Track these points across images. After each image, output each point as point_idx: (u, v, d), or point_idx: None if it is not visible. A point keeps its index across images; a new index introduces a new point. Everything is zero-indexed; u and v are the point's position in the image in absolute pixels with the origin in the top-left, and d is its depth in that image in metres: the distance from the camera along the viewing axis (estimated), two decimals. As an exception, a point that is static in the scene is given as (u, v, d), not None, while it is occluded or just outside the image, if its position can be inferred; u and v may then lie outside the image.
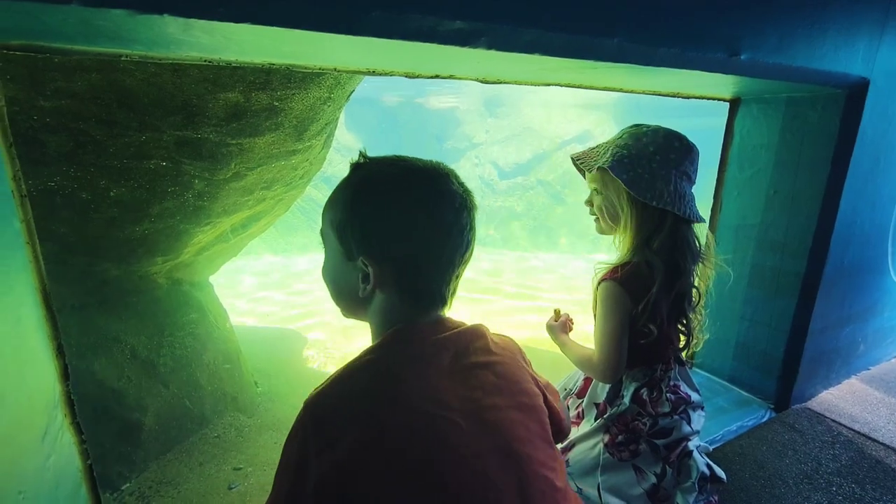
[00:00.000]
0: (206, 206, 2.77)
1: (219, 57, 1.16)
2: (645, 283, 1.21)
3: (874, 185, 1.92)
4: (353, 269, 0.73)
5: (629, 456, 1.27)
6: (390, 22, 0.86)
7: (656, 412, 1.29)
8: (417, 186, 0.71)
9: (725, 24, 1.27)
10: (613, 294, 1.22)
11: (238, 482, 3.02)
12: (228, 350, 3.86)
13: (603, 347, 1.24)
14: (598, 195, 1.29)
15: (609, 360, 1.24)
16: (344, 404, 0.66)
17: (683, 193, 1.20)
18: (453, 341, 0.73)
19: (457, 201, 0.72)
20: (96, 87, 1.85)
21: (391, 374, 0.68)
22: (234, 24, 0.78)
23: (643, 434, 1.28)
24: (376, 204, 0.70)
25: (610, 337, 1.23)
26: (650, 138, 1.20)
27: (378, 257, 0.70)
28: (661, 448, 1.28)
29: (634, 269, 1.22)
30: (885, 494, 1.59)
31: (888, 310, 2.36)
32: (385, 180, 0.71)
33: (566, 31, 1.02)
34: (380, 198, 0.70)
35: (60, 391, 1.21)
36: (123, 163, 2.25)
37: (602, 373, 1.27)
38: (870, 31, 1.60)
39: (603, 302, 1.24)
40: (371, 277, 0.71)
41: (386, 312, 0.74)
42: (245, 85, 2.13)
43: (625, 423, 1.30)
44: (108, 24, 0.81)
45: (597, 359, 1.27)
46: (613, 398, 1.33)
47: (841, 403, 2.12)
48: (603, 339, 1.24)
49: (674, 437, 1.29)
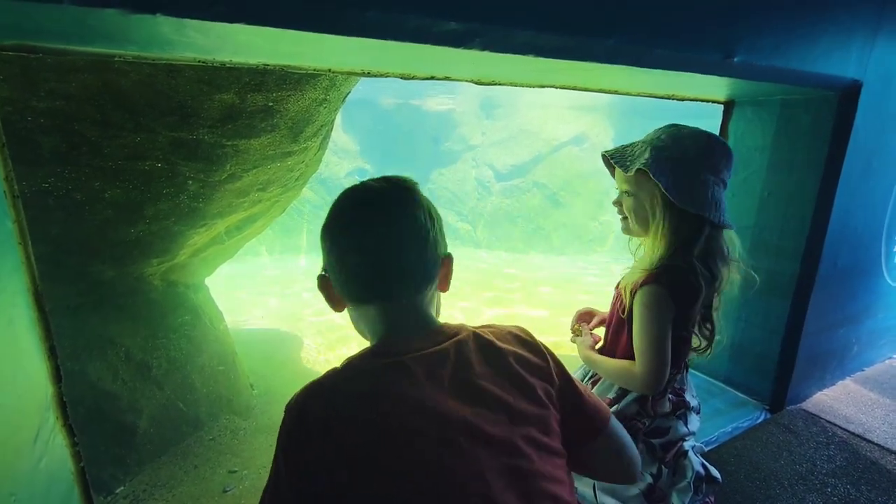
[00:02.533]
0: (201, 207, 2.76)
1: (213, 58, 1.15)
2: (689, 288, 1.18)
3: (866, 187, 1.93)
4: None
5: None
6: (385, 23, 0.86)
7: (656, 412, 1.28)
8: (342, 211, 0.75)
9: (720, 26, 1.28)
10: (659, 299, 1.17)
11: (233, 485, 3.00)
12: (224, 352, 3.84)
13: (647, 355, 1.18)
14: (629, 197, 1.23)
15: (655, 369, 1.17)
16: (324, 417, 0.65)
17: (719, 200, 1.17)
18: (439, 355, 0.71)
19: (382, 217, 0.73)
20: (90, 88, 1.84)
21: (371, 390, 0.67)
22: (228, 24, 0.78)
23: (640, 433, 1.27)
24: (322, 232, 0.77)
25: (656, 344, 1.17)
26: (691, 141, 1.16)
27: (331, 278, 0.77)
28: (657, 448, 1.27)
29: (676, 273, 1.18)
30: (880, 495, 1.60)
31: (881, 311, 2.37)
32: (331, 208, 0.78)
33: (560, 33, 1.03)
34: (325, 224, 0.77)
35: (52, 393, 1.20)
36: (118, 164, 2.24)
37: (647, 384, 1.19)
38: (863, 34, 1.62)
39: (647, 307, 1.17)
40: (334, 294, 0.78)
41: (366, 325, 0.78)
42: (240, 86, 2.13)
43: (623, 420, 1.27)
44: (101, 23, 0.81)
45: (641, 369, 1.19)
46: (622, 397, 1.31)
47: (835, 404, 2.13)
48: (648, 347, 1.17)
49: (670, 436, 1.29)
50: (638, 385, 1.22)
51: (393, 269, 0.74)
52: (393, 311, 0.75)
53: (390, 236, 0.73)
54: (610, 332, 1.35)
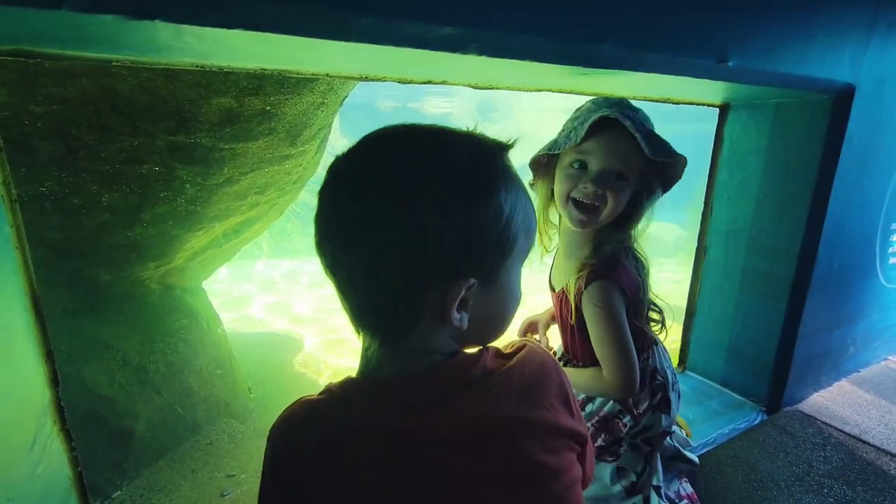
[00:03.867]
0: (198, 211, 2.76)
1: (210, 62, 1.16)
2: (630, 273, 1.07)
3: (861, 189, 1.95)
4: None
5: (612, 459, 1.24)
6: (381, 28, 0.86)
7: (638, 409, 1.21)
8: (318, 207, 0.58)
9: (714, 30, 1.29)
10: (612, 294, 1.04)
11: (231, 489, 2.99)
12: (221, 356, 3.83)
13: (614, 360, 1.06)
14: (622, 181, 1.05)
15: (626, 372, 1.05)
16: (287, 461, 0.56)
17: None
18: (434, 441, 0.54)
19: (335, 214, 0.53)
20: (88, 93, 1.85)
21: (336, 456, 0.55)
22: (227, 30, 0.78)
23: (624, 435, 1.22)
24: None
25: (619, 345, 1.05)
26: (630, 106, 1.08)
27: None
28: (641, 446, 1.24)
29: (618, 259, 1.06)
30: (876, 496, 1.60)
31: (876, 312, 2.38)
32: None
33: (557, 37, 1.04)
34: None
35: (50, 397, 1.20)
36: (116, 168, 2.24)
37: (621, 389, 1.08)
38: (856, 37, 1.63)
39: (602, 306, 1.05)
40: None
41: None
42: (238, 90, 2.14)
43: (604, 421, 1.23)
44: (99, 29, 0.81)
45: (611, 376, 1.07)
46: (593, 397, 1.24)
47: (831, 405, 2.14)
48: (611, 350, 1.06)
49: (654, 432, 1.24)
50: (613, 393, 1.12)
51: (359, 307, 0.56)
52: (375, 348, 0.58)
53: (349, 258, 0.53)
54: (566, 340, 1.25)
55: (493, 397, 0.56)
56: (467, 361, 0.58)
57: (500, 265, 0.55)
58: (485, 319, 0.57)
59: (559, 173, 1.10)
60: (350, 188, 0.51)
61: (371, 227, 0.50)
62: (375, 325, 0.56)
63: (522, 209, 0.55)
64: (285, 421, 0.58)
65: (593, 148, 1.04)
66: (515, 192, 0.54)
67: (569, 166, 1.07)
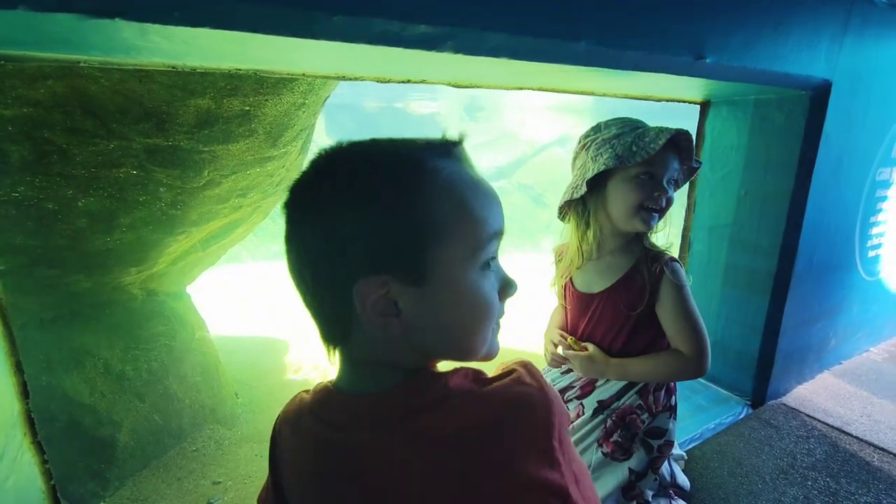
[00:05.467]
0: (179, 214, 2.71)
1: (182, 63, 1.13)
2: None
3: (839, 184, 1.97)
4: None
5: (622, 454, 1.26)
6: (354, 26, 0.85)
7: (657, 407, 1.27)
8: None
9: (691, 27, 1.30)
10: (684, 276, 1.18)
11: (217, 496, 2.94)
12: (207, 361, 3.77)
13: (695, 334, 1.15)
14: (677, 185, 1.21)
15: (705, 345, 1.15)
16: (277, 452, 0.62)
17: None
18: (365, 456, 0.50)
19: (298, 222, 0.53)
20: (59, 95, 1.80)
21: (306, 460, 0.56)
22: (192, 28, 0.76)
23: (639, 432, 1.26)
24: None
25: (698, 321, 1.16)
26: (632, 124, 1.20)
27: None
28: (654, 449, 1.27)
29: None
30: (859, 488, 1.62)
31: (857, 305, 2.42)
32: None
33: (532, 35, 1.03)
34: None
35: (19, 409, 1.16)
36: (91, 172, 2.19)
37: (702, 364, 1.16)
38: (831, 34, 1.65)
39: (680, 286, 1.15)
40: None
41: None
42: (215, 91, 2.09)
43: (622, 415, 1.25)
44: (58, 29, 0.78)
45: (692, 351, 1.15)
46: (623, 395, 1.28)
47: (815, 398, 2.16)
48: (693, 325, 1.15)
49: (666, 438, 1.29)
50: (694, 368, 1.18)
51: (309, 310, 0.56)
52: (352, 373, 0.57)
53: (297, 258, 0.53)
54: (613, 335, 1.26)
55: (438, 430, 0.48)
56: (423, 381, 0.52)
57: (424, 257, 0.49)
58: (433, 327, 0.52)
59: (626, 185, 1.15)
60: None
61: (293, 237, 0.53)
62: (320, 333, 0.56)
63: (446, 197, 0.50)
64: (281, 412, 0.62)
65: (660, 160, 1.12)
66: (427, 181, 0.49)
67: (636, 178, 1.14)
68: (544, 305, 7.71)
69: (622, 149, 1.11)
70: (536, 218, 14.73)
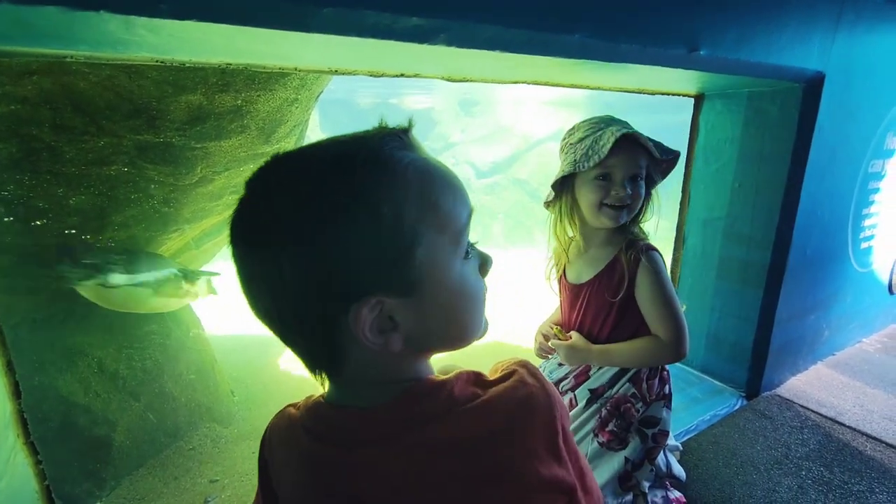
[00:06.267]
0: (171, 212, 2.69)
1: (171, 57, 1.12)
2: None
3: (832, 176, 1.98)
4: None
5: (618, 444, 1.27)
6: (344, 18, 0.83)
7: (651, 396, 1.29)
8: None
9: (685, 19, 1.29)
10: (663, 264, 1.21)
11: (214, 494, 2.94)
12: (202, 359, 3.76)
13: (671, 320, 1.18)
14: (641, 181, 1.22)
15: (682, 331, 1.18)
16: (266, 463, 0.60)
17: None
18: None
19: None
20: (47, 91, 1.77)
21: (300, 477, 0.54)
22: (179, 21, 0.75)
23: (634, 421, 1.28)
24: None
25: (675, 306, 1.19)
26: (619, 119, 1.23)
27: None
28: (649, 438, 1.29)
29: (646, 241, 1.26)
30: (852, 476, 1.64)
31: (849, 296, 2.43)
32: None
33: (526, 28, 1.02)
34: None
35: (12, 409, 1.15)
36: (81, 169, 2.16)
37: (679, 349, 1.19)
38: (824, 26, 1.65)
39: (658, 272, 1.19)
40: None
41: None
42: (207, 87, 2.07)
43: (616, 404, 1.28)
44: (43, 22, 0.77)
45: (669, 336, 1.19)
46: (615, 383, 1.30)
47: (808, 389, 2.18)
48: (669, 311, 1.19)
49: (661, 427, 1.30)
50: (670, 353, 1.21)
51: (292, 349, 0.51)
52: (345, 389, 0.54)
53: (264, 298, 0.48)
54: (600, 323, 1.30)
55: (445, 440, 0.47)
56: (425, 391, 0.50)
57: (411, 266, 0.46)
58: (432, 329, 0.50)
59: (586, 186, 1.21)
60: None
61: (252, 277, 0.47)
62: (307, 364, 0.51)
63: (416, 195, 0.46)
64: (269, 429, 0.59)
65: (615, 161, 1.16)
66: (395, 181, 0.45)
67: (595, 180, 1.19)
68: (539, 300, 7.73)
69: (580, 153, 1.18)
70: (531, 213, 14.73)
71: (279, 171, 0.46)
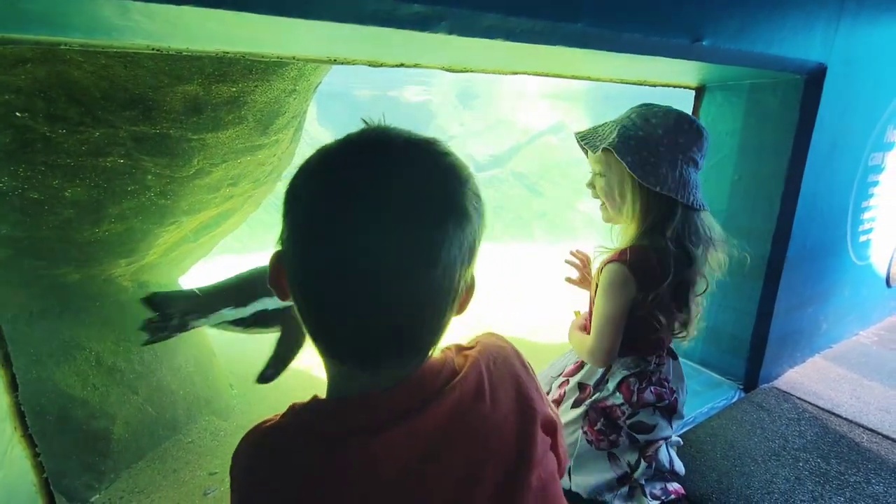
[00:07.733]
0: (168, 204, 2.67)
1: (167, 45, 1.10)
2: (653, 271, 1.15)
3: (832, 169, 1.97)
4: None
5: (608, 446, 1.27)
6: (344, 4, 0.82)
7: (640, 401, 1.26)
8: (319, 185, 0.58)
9: (688, 9, 1.28)
10: (620, 277, 1.16)
11: (214, 487, 2.95)
12: (200, 352, 3.76)
13: (600, 331, 1.19)
14: (601, 178, 1.22)
15: (603, 344, 1.19)
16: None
17: (688, 180, 1.15)
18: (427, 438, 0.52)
19: (354, 236, 0.50)
20: (41, 81, 1.75)
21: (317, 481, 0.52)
22: (175, 6, 0.73)
23: (622, 423, 1.26)
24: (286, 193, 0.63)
25: (608, 321, 1.18)
26: (659, 120, 1.14)
27: (286, 268, 0.60)
28: (640, 442, 1.28)
29: (643, 254, 1.15)
30: (849, 468, 1.65)
31: (848, 289, 2.44)
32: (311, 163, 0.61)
33: (528, 16, 1.00)
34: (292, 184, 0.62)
35: (9, 403, 1.14)
36: (77, 161, 2.14)
37: (594, 356, 1.23)
38: (827, 17, 1.63)
39: (608, 284, 1.17)
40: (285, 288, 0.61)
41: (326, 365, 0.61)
42: (203, 77, 2.05)
43: (603, 407, 1.27)
44: (35, 6, 0.75)
45: (592, 343, 1.22)
46: (600, 383, 1.30)
47: (806, 381, 2.19)
48: (601, 322, 1.19)
49: (653, 435, 1.29)
50: (587, 357, 1.27)
51: (377, 329, 0.49)
52: (364, 378, 0.52)
53: (387, 265, 0.45)
54: (591, 317, 1.34)
55: (470, 396, 0.53)
56: (436, 365, 0.55)
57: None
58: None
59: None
60: (375, 210, 0.46)
61: (415, 253, 0.47)
62: (377, 354, 0.51)
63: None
64: (246, 458, 0.54)
65: (588, 156, 1.25)
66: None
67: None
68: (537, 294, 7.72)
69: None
70: (531, 206, 14.72)
71: (423, 150, 0.54)
